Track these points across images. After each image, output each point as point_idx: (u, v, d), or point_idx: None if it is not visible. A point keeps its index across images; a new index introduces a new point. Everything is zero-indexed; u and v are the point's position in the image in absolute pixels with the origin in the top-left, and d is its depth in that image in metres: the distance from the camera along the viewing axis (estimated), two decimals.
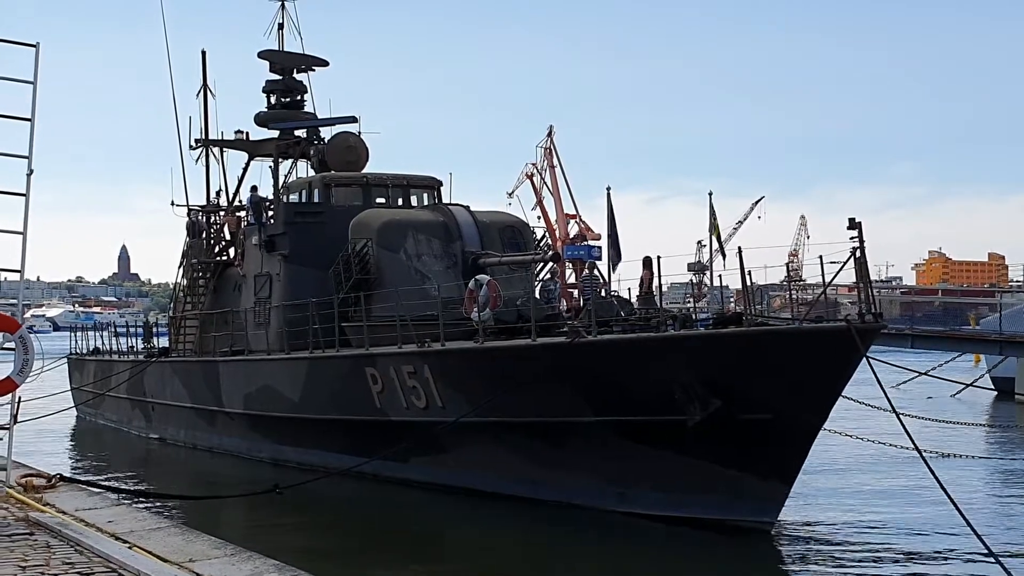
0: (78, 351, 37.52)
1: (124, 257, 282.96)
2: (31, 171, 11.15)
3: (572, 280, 37.28)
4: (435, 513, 18.02)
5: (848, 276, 14.91)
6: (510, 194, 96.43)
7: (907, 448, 20.90)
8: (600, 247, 21.39)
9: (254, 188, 28.52)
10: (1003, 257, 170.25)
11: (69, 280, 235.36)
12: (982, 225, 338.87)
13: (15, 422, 10.96)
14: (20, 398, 11.05)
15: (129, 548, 9.33)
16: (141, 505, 12.68)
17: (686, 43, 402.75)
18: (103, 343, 36.28)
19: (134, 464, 25.06)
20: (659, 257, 16.57)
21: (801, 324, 15.20)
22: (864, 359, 14.42)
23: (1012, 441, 26.96)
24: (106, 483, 14.17)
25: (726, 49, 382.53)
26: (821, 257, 15.14)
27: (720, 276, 17.26)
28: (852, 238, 14.33)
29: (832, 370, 14.72)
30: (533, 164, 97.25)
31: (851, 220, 14.53)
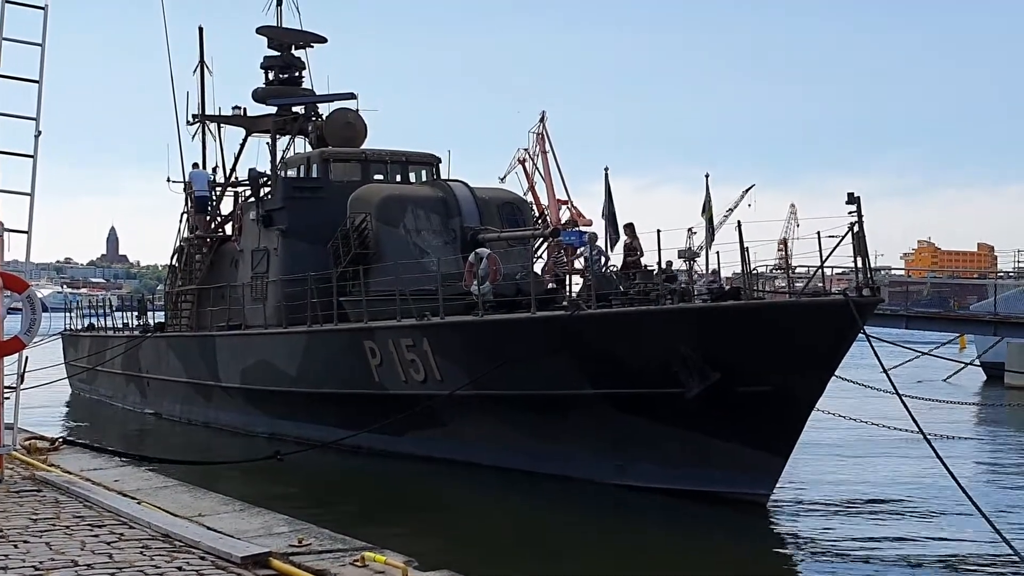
0: (72, 327, 37.53)
1: (113, 238, 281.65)
2: (39, 132, 11.19)
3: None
4: (433, 485, 18.13)
5: (845, 251, 15.02)
6: (502, 179, 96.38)
7: (898, 429, 21.22)
8: (594, 233, 21.46)
9: (195, 165, 28.96)
10: (992, 247, 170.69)
11: (57, 261, 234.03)
12: (972, 216, 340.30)
13: (22, 381, 11.02)
14: (27, 358, 11.10)
15: (138, 503, 9.44)
16: (144, 468, 12.76)
17: (678, 30, 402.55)
18: (97, 320, 36.31)
19: (130, 436, 25.14)
20: (659, 231, 16.55)
21: (799, 298, 15.33)
22: (863, 333, 14.59)
23: (1002, 421, 27.29)
24: (109, 448, 14.23)
25: (718, 37, 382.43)
26: (819, 233, 15.24)
27: (718, 253, 17.29)
28: (851, 212, 14.45)
29: (829, 344, 14.86)
30: (525, 150, 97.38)
31: (850, 195, 14.66)
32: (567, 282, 20.82)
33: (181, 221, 30.18)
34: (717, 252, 17.66)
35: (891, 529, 14.39)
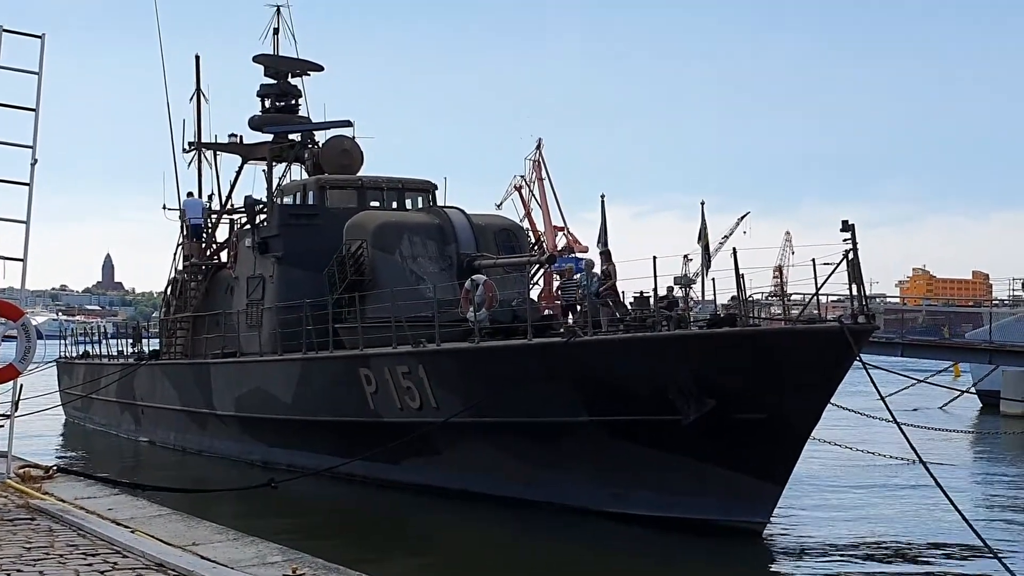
0: (67, 355, 37.46)
1: (108, 266, 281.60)
2: (35, 160, 11.21)
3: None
4: (428, 514, 18.05)
5: (840, 278, 15.05)
6: (498, 206, 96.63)
7: (895, 457, 21.21)
8: (591, 260, 21.44)
9: (190, 193, 29.08)
10: (987, 275, 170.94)
11: (53, 289, 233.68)
12: (966, 243, 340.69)
13: (16, 409, 10.97)
14: (22, 386, 11.06)
15: (132, 532, 9.37)
16: (138, 497, 12.67)
17: (675, 59, 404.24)
18: (91, 348, 36.24)
19: (125, 465, 25.02)
20: (655, 258, 16.54)
21: (795, 325, 15.35)
22: (857, 360, 14.61)
23: (999, 450, 27.23)
24: (103, 476, 14.14)
25: (715, 66, 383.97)
26: (814, 260, 15.27)
27: (713, 280, 17.34)
28: (845, 240, 14.50)
29: (825, 371, 14.87)
30: (521, 176, 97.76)
31: (844, 222, 14.71)
32: (576, 308, 20.77)
33: (177, 249, 30.23)
34: (713, 279, 17.68)
35: (893, 565, 14.27)
